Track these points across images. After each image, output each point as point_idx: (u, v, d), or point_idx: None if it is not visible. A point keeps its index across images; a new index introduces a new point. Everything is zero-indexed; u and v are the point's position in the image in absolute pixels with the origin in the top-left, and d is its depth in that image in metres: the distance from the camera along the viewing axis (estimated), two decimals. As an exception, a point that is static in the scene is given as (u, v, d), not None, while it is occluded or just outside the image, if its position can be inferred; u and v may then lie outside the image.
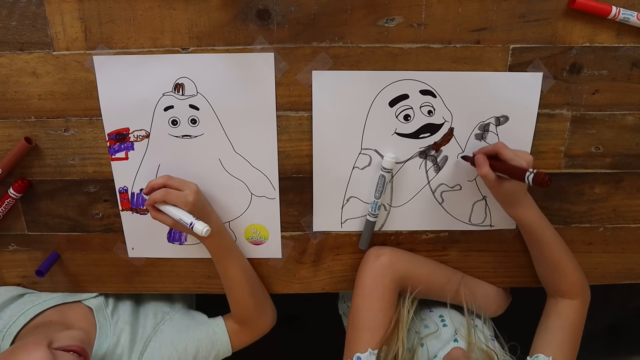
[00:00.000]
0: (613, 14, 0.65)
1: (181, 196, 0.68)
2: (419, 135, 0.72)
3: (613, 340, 1.45)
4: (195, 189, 0.70)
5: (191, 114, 0.71)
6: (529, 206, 0.71)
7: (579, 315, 0.74)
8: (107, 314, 0.78)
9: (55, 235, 0.78)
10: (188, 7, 0.65)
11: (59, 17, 0.66)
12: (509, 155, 0.66)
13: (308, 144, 0.73)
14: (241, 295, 0.77)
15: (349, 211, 0.77)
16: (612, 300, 1.39)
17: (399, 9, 0.66)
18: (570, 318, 0.73)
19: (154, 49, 0.67)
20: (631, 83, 0.70)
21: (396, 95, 0.70)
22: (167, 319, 0.80)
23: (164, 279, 0.82)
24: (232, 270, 0.75)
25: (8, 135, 0.72)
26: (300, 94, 0.70)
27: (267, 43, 0.67)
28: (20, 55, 0.67)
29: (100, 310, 0.78)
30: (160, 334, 0.77)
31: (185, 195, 0.68)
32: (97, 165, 0.74)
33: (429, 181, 0.75)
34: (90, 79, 0.69)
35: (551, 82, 0.70)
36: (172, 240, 0.79)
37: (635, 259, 0.82)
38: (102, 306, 0.79)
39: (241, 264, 0.77)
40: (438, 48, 0.68)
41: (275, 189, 0.75)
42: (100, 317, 0.77)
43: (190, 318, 0.82)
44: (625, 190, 0.77)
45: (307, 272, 0.81)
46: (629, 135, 0.73)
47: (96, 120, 0.71)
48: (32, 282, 0.81)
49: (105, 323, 0.76)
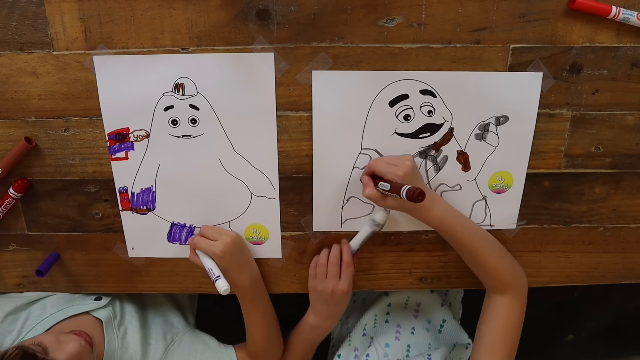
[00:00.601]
0: (613, 14, 0.65)
1: (210, 246, 0.71)
2: (419, 135, 0.72)
3: (613, 340, 1.45)
4: (229, 241, 0.72)
5: (191, 114, 0.71)
6: (429, 209, 0.69)
7: (510, 311, 0.70)
8: (115, 325, 0.77)
9: (55, 235, 0.78)
10: (188, 7, 0.65)
11: (59, 17, 0.66)
12: (382, 170, 0.68)
13: (308, 144, 0.73)
14: (256, 336, 0.80)
15: (349, 211, 0.77)
16: (612, 300, 1.39)
17: (399, 9, 0.66)
18: (500, 316, 0.70)
19: (154, 49, 0.67)
20: (631, 83, 0.70)
21: (396, 95, 0.70)
22: (176, 340, 0.80)
23: (164, 279, 0.82)
24: (252, 315, 0.78)
25: (8, 135, 0.72)
26: (300, 94, 0.70)
27: (267, 43, 0.67)
28: (20, 55, 0.67)
29: (109, 323, 0.76)
30: (171, 355, 0.78)
31: (213, 246, 0.71)
32: (97, 165, 0.74)
33: (429, 181, 0.75)
34: (90, 79, 0.69)
35: (551, 82, 0.70)
36: (172, 240, 0.79)
37: (635, 259, 0.82)
38: (111, 318, 0.77)
39: (263, 313, 0.79)
40: (438, 48, 0.68)
41: (275, 189, 0.75)
42: (109, 331, 0.75)
43: (200, 341, 0.82)
44: (625, 190, 0.77)
45: (307, 272, 0.81)
46: (629, 135, 0.73)
47: (96, 120, 0.71)
48: (32, 282, 0.81)
49: (113, 336, 0.75)
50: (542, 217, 0.78)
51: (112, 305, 0.80)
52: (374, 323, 0.88)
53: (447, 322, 0.91)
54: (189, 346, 0.80)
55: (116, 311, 0.79)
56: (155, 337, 0.79)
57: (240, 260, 0.75)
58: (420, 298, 0.93)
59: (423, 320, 0.91)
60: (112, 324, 0.76)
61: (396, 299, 0.93)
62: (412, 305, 0.93)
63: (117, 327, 0.77)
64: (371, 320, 0.89)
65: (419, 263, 0.81)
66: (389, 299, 0.92)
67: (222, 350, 0.81)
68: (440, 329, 0.90)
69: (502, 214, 0.77)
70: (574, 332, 1.44)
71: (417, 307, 0.92)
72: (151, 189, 0.75)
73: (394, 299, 0.93)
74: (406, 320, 0.90)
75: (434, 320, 0.91)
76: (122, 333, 0.76)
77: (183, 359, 0.78)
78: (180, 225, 0.78)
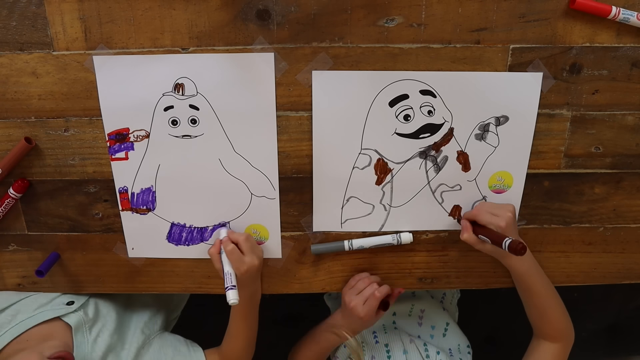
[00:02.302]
0: (613, 14, 0.65)
1: (238, 261, 0.72)
2: (419, 135, 0.72)
3: (613, 340, 1.45)
4: (256, 264, 0.74)
5: (191, 114, 0.71)
6: (519, 260, 0.73)
7: (557, 358, 0.77)
8: (86, 329, 0.75)
9: (55, 235, 0.78)
10: (188, 7, 0.65)
11: (59, 17, 0.66)
12: (485, 220, 0.71)
13: (308, 144, 0.73)
14: (237, 343, 0.82)
15: (349, 211, 0.77)
16: (612, 300, 1.39)
17: (399, 9, 0.66)
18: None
19: (154, 49, 0.67)
20: (631, 83, 0.70)
21: (396, 95, 0.70)
22: (146, 343, 0.80)
23: (164, 279, 0.82)
24: (240, 325, 0.81)
25: (8, 135, 0.72)
26: (300, 94, 0.70)
27: (267, 43, 0.67)
28: (20, 55, 0.67)
29: (79, 328, 0.74)
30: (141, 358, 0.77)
31: (241, 262, 0.72)
32: (97, 165, 0.74)
33: (429, 181, 0.75)
34: (90, 79, 0.69)
35: (551, 82, 0.70)
36: (172, 240, 0.79)
37: (635, 259, 0.82)
38: (82, 323, 0.75)
39: (250, 325, 0.82)
40: (438, 48, 0.68)
41: (275, 189, 0.75)
42: (79, 336, 0.73)
43: (169, 345, 0.82)
44: (625, 190, 0.77)
45: (307, 272, 0.81)
46: (629, 135, 0.73)
47: (96, 120, 0.71)
48: (32, 282, 0.81)
49: (83, 341, 0.73)
50: (542, 217, 0.78)
51: (85, 309, 0.78)
52: (384, 330, 0.89)
53: (450, 325, 0.93)
54: (158, 351, 0.80)
55: (88, 314, 0.78)
56: (130, 341, 0.79)
57: (253, 280, 0.77)
58: (422, 305, 0.95)
59: (427, 327, 0.92)
60: (83, 329, 0.75)
61: (400, 308, 0.93)
62: (416, 313, 0.94)
63: (88, 330, 0.75)
64: (380, 327, 0.89)
65: (419, 263, 0.81)
66: (393, 308, 0.93)
67: (191, 355, 0.81)
68: (445, 332, 0.92)
69: (502, 214, 0.77)
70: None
71: (421, 313, 0.94)
72: (151, 189, 0.75)
73: (398, 308, 0.93)
74: (412, 327, 0.91)
75: (437, 326, 0.92)
76: (94, 336, 0.75)
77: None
78: (180, 225, 0.78)
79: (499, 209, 0.71)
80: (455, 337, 0.92)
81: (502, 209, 0.71)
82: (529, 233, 0.79)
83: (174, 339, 0.85)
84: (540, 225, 0.79)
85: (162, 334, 0.85)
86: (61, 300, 0.80)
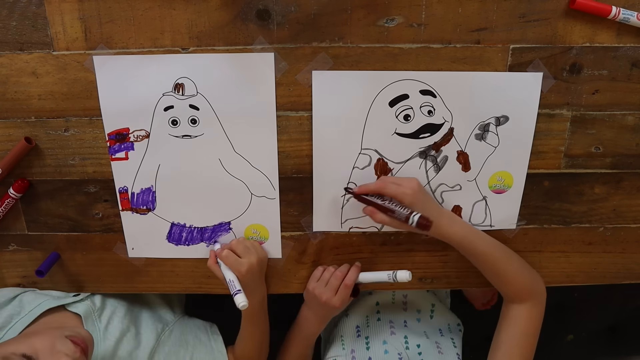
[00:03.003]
0: (613, 14, 0.65)
1: (236, 264, 0.72)
2: (419, 135, 0.72)
3: (613, 340, 1.45)
4: (254, 261, 0.74)
5: (191, 114, 0.71)
6: (448, 226, 0.71)
7: (529, 319, 0.72)
8: (95, 317, 0.75)
9: (55, 235, 0.78)
10: (188, 7, 0.65)
11: (59, 17, 0.66)
12: (391, 192, 0.69)
13: (308, 144, 0.73)
14: (248, 346, 0.82)
15: (349, 211, 0.77)
16: (612, 300, 1.39)
17: (399, 9, 0.66)
18: (519, 324, 0.72)
19: (154, 49, 0.67)
20: (631, 83, 0.70)
21: (396, 95, 0.70)
22: (167, 330, 0.80)
23: (164, 279, 0.82)
24: (251, 330, 0.81)
25: (8, 135, 0.72)
26: (300, 94, 0.70)
27: (267, 43, 0.67)
28: (20, 55, 0.67)
29: (89, 316, 0.74)
30: (163, 345, 0.77)
31: (240, 264, 0.72)
32: (97, 165, 0.74)
33: (429, 181, 0.75)
34: (90, 79, 0.69)
35: (551, 82, 0.70)
36: (172, 240, 0.79)
37: (635, 259, 0.82)
38: (90, 311, 0.75)
39: (262, 330, 0.82)
40: (438, 48, 0.68)
41: (275, 189, 0.75)
42: (90, 325, 0.73)
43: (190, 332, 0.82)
44: (625, 190, 0.77)
45: (307, 272, 0.81)
46: (629, 135, 0.73)
47: (96, 120, 0.71)
48: (32, 282, 0.81)
49: (94, 329, 0.73)
50: (542, 217, 0.78)
51: (91, 298, 0.78)
52: (366, 323, 0.88)
53: (436, 306, 0.93)
54: (179, 337, 0.80)
55: (96, 303, 0.77)
56: (145, 327, 0.79)
57: (257, 281, 0.77)
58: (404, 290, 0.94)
59: (413, 311, 0.92)
60: (93, 317, 0.74)
61: (382, 297, 0.93)
62: (399, 299, 0.93)
63: (97, 318, 0.75)
64: (363, 320, 0.89)
65: (419, 263, 0.81)
66: (375, 297, 0.93)
67: (212, 346, 0.82)
68: (432, 314, 0.92)
69: (502, 214, 0.77)
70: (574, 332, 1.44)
71: (405, 298, 0.93)
72: (151, 189, 0.75)
73: (380, 297, 0.93)
74: (397, 315, 0.90)
75: (423, 309, 0.92)
76: (104, 324, 0.74)
77: (174, 351, 0.77)
78: (180, 225, 0.78)
79: (402, 179, 0.70)
80: (444, 317, 0.92)
81: (405, 179, 0.70)
82: (529, 233, 0.79)
83: (193, 325, 0.85)
84: (540, 225, 0.79)
85: (182, 319, 0.86)
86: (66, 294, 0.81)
